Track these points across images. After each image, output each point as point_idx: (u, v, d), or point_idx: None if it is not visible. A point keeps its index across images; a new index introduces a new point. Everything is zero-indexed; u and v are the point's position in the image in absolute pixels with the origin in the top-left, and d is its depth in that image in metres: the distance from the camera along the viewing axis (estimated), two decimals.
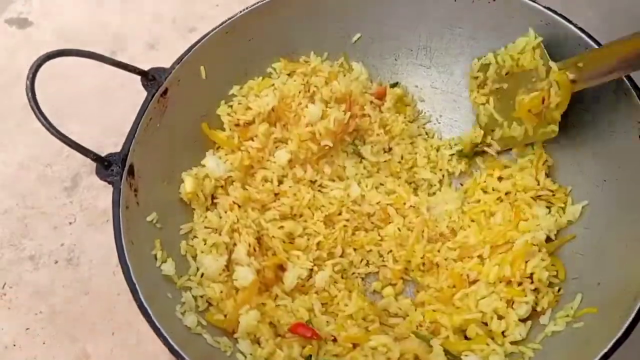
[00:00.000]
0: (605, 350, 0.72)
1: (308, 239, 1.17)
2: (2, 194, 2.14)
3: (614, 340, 0.73)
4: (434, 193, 1.31)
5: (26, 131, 2.31)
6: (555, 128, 1.04)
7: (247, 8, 1.09)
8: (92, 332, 1.84)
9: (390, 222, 1.23)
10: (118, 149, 2.22)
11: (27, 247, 2.02)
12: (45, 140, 2.27)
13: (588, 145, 1.06)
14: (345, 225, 1.21)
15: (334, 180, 1.23)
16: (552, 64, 1.01)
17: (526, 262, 1.03)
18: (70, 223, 2.07)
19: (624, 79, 0.94)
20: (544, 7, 1.04)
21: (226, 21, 1.10)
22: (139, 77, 1.14)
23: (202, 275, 1.04)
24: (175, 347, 0.82)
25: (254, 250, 1.07)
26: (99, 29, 2.64)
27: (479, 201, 1.24)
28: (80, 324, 1.86)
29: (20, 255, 2.01)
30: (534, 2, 1.05)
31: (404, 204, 1.26)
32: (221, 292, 1.00)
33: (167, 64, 2.54)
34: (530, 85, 1.02)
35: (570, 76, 0.98)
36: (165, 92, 1.05)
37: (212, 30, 1.09)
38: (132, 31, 2.63)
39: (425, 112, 1.37)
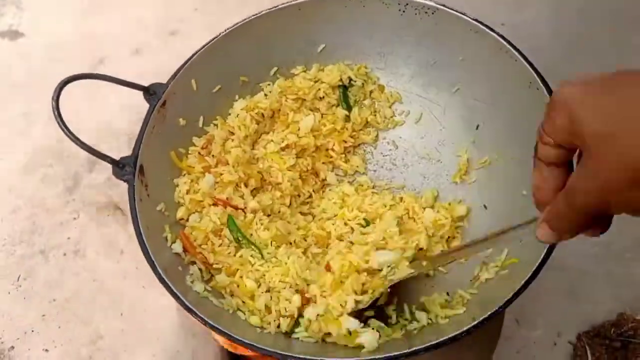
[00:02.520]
0: (522, 283, 0.99)
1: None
2: (10, 196, 2.32)
3: (525, 279, 0.99)
4: None
5: (26, 138, 2.50)
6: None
7: (226, 30, 1.30)
8: (103, 315, 2.04)
9: None
10: (112, 151, 2.42)
11: (37, 243, 2.21)
12: (44, 144, 2.48)
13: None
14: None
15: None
16: None
17: None
18: (75, 219, 2.26)
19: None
20: (472, 18, 1.27)
21: (210, 41, 1.30)
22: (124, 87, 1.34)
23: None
24: (190, 306, 1.04)
25: None
26: (86, 38, 2.81)
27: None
28: (92, 308, 2.06)
29: (32, 250, 2.20)
30: (459, 12, 1.27)
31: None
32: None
33: (151, 68, 2.74)
34: None
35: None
36: (164, 103, 1.25)
37: (199, 49, 1.29)
38: (117, 38, 2.80)
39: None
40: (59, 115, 1.14)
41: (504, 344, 1.59)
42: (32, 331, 2.03)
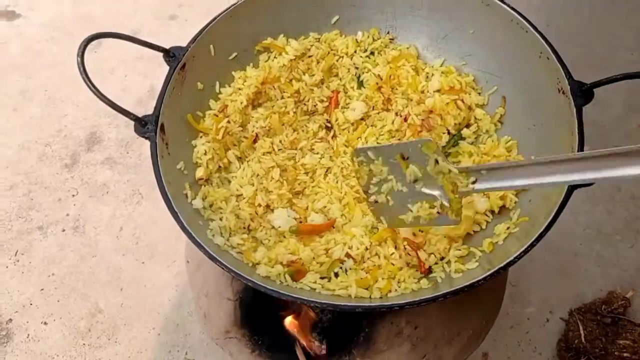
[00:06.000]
0: (534, 238, 1.03)
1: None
2: (7, 172, 2.32)
3: (537, 234, 1.04)
4: None
5: (23, 115, 2.50)
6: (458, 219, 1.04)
7: None
8: (102, 290, 2.06)
9: None
10: (112, 128, 2.45)
11: (35, 219, 2.22)
12: (42, 122, 2.48)
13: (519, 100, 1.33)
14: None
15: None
16: (452, 167, 1.01)
17: None
18: (73, 195, 2.27)
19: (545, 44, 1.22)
20: None
21: (230, 7, 1.33)
22: (124, 65, 1.34)
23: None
24: (214, 255, 1.06)
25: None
26: (83, 20, 2.82)
27: None
28: (91, 283, 2.07)
29: (29, 226, 2.20)
30: None
31: None
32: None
33: (151, 50, 2.74)
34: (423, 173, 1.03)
35: (471, 183, 0.97)
36: (183, 66, 1.27)
37: (219, 15, 1.32)
38: (115, 21, 2.82)
39: None
40: (84, 71, 1.14)
41: (499, 320, 1.63)
42: (31, 305, 2.03)
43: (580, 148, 1.10)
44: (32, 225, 2.20)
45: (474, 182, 0.99)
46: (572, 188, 1.06)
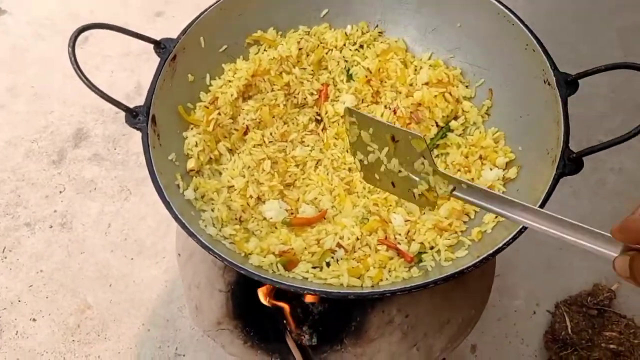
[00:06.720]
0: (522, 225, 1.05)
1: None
2: None
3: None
4: None
5: (9, 112, 2.48)
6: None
7: None
8: (91, 286, 2.05)
9: None
10: (99, 124, 2.44)
11: (22, 215, 2.20)
12: (29, 119, 2.46)
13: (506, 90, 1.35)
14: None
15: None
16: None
17: None
18: (61, 192, 2.26)
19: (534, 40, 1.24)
20: None
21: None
22: (110, 61, 1.34)
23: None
24: (207, 244, 1.07)
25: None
26: (70, 17, 2.81)
27: None
28: (79, 279, 2.07)
29: (16, 222, 2.19)
30: None
31: None
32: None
33: (136, 48, 2.75)
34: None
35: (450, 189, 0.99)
36: (174, 58, 1.27)
37: (209, 7, 1.32)
38: (102, 18, 2.79)
39: None
40: (76, 61, 1.14)
41: (487, 313, 1.66)
42: (19, 301, 2.02)
43: (566, 138, 1.12)
44: (20, 222, 2.19)
45: (452, 190, 1.00)
46: (558, 178, 1.08)
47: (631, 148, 2.30)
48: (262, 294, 1.34)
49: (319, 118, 1.47)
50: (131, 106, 1.21)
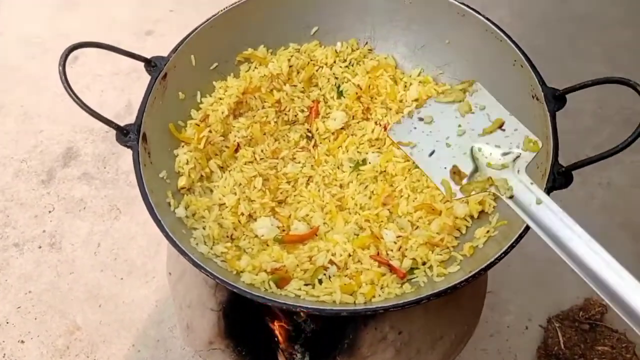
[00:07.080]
0: (513, 240, 1.05)
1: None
2: None
3: (516, 236, 1.06)
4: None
5: None
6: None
7: (225, 8, 1.35)
8: (80, 306, 2.03)
9: None
10: (89, 143, 2.43)
11: (11, 235, 2.18)
12: (18, 139, 2.45)
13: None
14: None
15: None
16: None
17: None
18: (50, 212, 2.24)
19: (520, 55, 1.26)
20: (460, 2, 1.35)
21: (210, 18, 1.34)
22: (100, 80, 1.34)
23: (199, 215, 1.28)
24: (198, 262, 1.06)
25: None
26: (60, 36, 2.81)
27: None
28: (69, 300, 2.04)
29: (5, 243, 2.16)
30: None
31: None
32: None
33: (126, 66, 2.76)
34: None
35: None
36: (165, 76, 1.28)
37: (199, 26, 1.33)
38: (92, 37, 2.78)
39: None
40: (66, 80, 1.14)
41: (479, 329, 1.65)
42: (7, 323, 1.99)
43: (555, 152, 1.13)
44: (8, 242, 2.17)
45: (510, 197, 1.01)
46: (547, 192, 1.09)
47: (619, 162, 2.33)
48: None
49: (310, 135, 1.47)
50: (122, 124, 1.21)
